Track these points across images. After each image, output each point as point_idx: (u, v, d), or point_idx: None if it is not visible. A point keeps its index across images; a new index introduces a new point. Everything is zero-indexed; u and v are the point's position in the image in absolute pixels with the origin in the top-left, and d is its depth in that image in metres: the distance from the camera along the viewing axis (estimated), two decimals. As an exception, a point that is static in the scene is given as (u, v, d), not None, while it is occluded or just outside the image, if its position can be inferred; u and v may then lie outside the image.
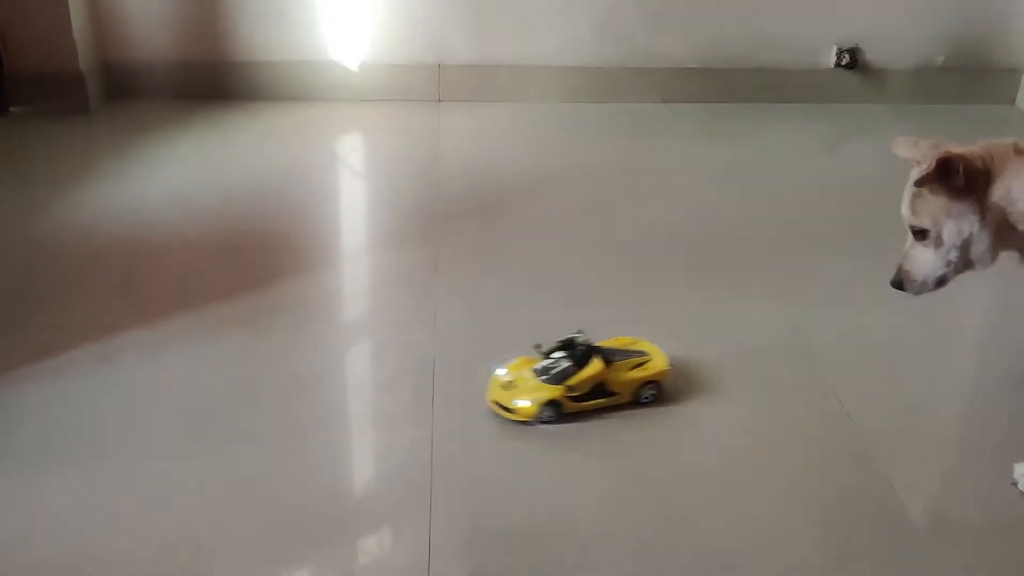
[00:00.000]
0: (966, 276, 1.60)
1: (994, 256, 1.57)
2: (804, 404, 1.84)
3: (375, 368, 1.95)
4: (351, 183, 2.82)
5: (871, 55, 3.28)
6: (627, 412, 1.79)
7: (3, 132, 3.00)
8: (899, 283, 1.63)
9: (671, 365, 1.81)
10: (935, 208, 1.55)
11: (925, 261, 1.59)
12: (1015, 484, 1.61)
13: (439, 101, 3.25)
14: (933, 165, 1.50)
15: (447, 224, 2.49)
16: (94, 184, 2.64)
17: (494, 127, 3.12)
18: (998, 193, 1.51)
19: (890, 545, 1.52)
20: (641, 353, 1.81)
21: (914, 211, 1.57)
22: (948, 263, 1.57)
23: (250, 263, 2.29)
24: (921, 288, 1.62)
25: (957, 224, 1.54)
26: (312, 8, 3.15)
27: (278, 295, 2.15)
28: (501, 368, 1.79)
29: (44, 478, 1.60)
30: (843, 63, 3.26)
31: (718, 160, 2.92)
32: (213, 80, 3.19)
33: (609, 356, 1.77)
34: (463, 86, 3.25)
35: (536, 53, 3.25)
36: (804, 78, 3.30)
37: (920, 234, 1.58)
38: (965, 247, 1.55)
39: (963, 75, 3.33)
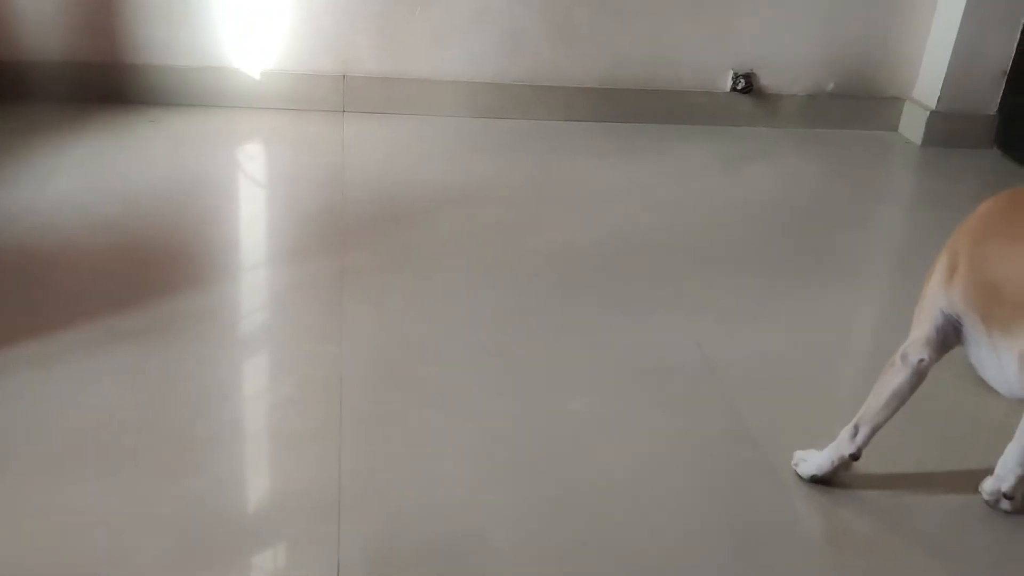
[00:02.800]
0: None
1: None
2: (707, 419, 1.89)
3: (280, 383, 1.92)
4: (253, 193, 2.77)
5: (765, 80, 3.40)
6: (519, 417, 1.81)
7: None
8: None
9: None
10: None
11: None
12: (795, 467, 1.75)
13: (344, 112, 3.22)
14: None
15: (353, 236, 2.47)
16: (-20, 188, 2.54)
17: (400, 140, 3.11)
18: None
19: (791, 555, 1.57)
20: None
21: None
22: None
23: (149, 274, 2.23)
24: None
25: None
26: (213, 12, 3.08)
27: (178, 307, 2.10)
28: None
29: (-72, 498, 1.52)
30: (739, 87, 3.36)
31: (621, 178, 2.97)
32: (109, 83, 3.09)
33: None
34: (369, 98, 3.23)
35: (443, 67, 3.25)
36: (702, 101, 3.39)
37: None
38: None
39: (851, 102, 3.47)
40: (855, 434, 1.70)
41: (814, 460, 1.73)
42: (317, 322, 2.11)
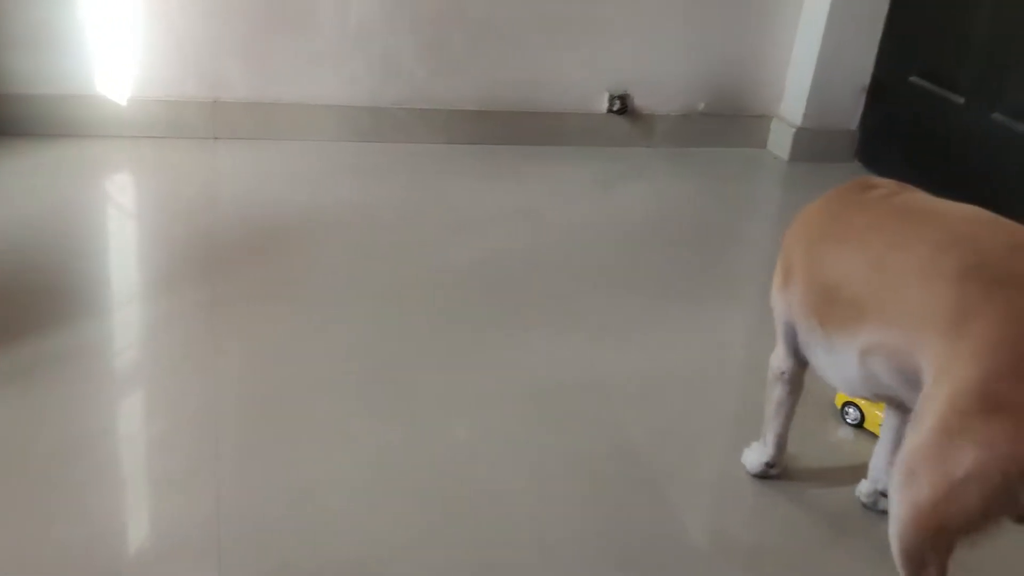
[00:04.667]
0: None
1: None
2: (593, 436, 1.90)
3: (153, 422, 1.85)
4: (122, 224, 2.67)
5: (640, 101, 3.47)
6: (405, 444, 1.79)
7: None
8: None
9: None
10: None
11: None
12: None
13: (215, 139, 3.14)
14: None
15: (225, 266, 2.41)
16: None
17: (275, 167, 3.05)
18: None
19: (677, 568, 1.59)
20: None
21: None
22: None
23: (13, 313, 2.12)
24: None
25: None
26: (75, 38, 2.97)
27: (45, 347, 2.00)
28: None
29: None
30: (615, 109, 3.42)
31: (502, 201, 2.98)
32: (-36, 114, 2.95)
33: None
34: (241, 124, 3.16)
35: (317, 91, 3.21)
36: (579, 122, 3.44)
37: None
38: None
39: (722, 121, 3.58)
40: (764, 444, 1.77)
41: (749, 458, 1.81)
42: (190, 357, 2.04)
